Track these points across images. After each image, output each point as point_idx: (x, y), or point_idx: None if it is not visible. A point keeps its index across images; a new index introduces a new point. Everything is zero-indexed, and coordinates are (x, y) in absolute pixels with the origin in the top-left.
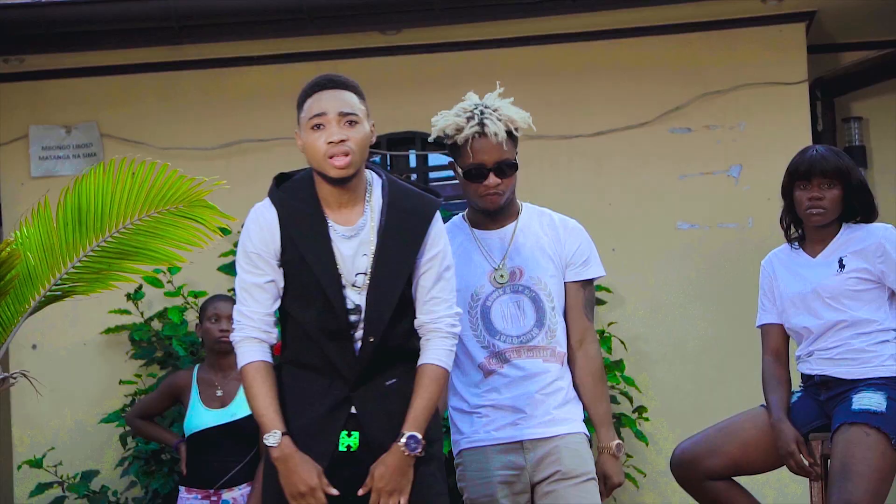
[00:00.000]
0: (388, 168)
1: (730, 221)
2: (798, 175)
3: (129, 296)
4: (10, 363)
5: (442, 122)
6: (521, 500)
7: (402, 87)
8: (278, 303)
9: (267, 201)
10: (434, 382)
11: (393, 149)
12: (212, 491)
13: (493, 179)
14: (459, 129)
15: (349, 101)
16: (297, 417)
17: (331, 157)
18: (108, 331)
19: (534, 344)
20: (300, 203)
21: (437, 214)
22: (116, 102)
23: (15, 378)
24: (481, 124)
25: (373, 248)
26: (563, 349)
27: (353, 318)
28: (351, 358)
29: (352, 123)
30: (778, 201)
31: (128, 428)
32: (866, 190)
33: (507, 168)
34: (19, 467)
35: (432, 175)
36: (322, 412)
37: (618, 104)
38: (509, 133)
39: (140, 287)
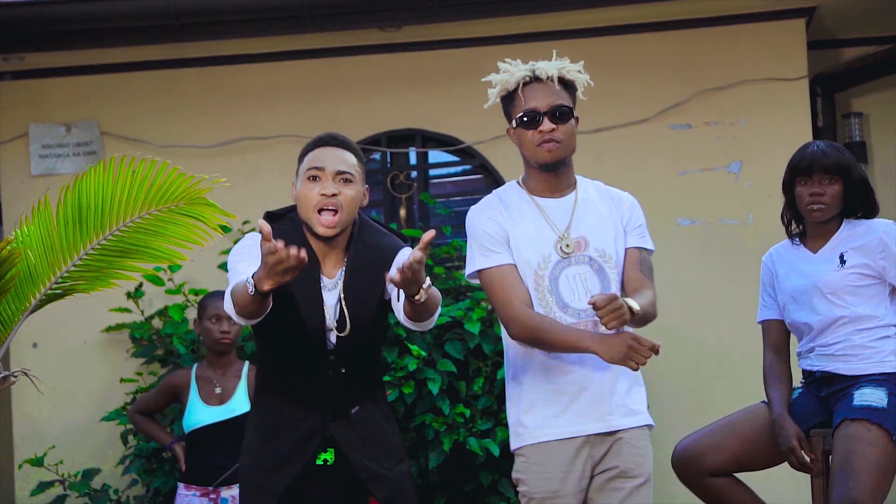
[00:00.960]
0: (389, 165)
1: (730, 218)
2: (799, 171)
3: (129, 294)
4: (10, 362)
5: (499, 78)
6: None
7: (402, 84)
8: None
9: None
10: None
11: (393, 146)
12: (211, 488)
13: (547, 124)
14: (514, 78)
15: (348, 160)
16: (273, 440)
17: (320, 212)
18: (109, 329)
19: (594, 320)
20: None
21: (403, 252)
22: (116, 100)
23: (16, 377)
24: (533, 70)
25: (341, 292)
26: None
27: (331, 357)
28: (324, 388)
29: (346, 182)
30: (779, 197)
31: (129, 426)
32: (867, 185)
33: (564, 112)
34: (20, 466)
35: (432, 172)
36: (297, 438)
37: (617, 101)
38: (564, 82)
39: (141, 285)
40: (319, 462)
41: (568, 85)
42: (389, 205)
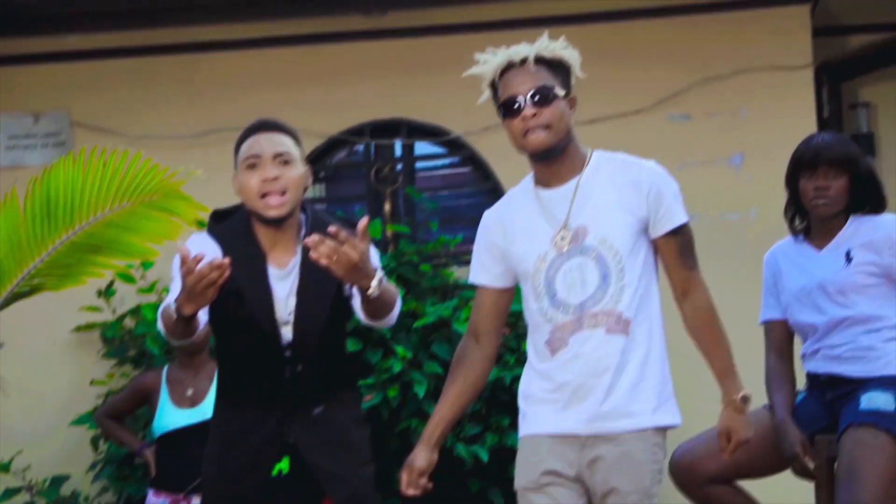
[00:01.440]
0: (374, 157)
1: (732, 212)
2: (803, 164)
3: (100, 292)
4: None
5: (479, 69)
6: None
7: (388, 72)
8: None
9: (206, 234)
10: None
11: (377, 137)
12: (181, 495)
13: (529, 109)
14: (492, 67)
15: (284, 142)
16: (232, 448)
17: (264, 196)
18: (79, 328)
19: (597, 310)
20: (240, 242)
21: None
22: (87, 89)
23: None
24: (508, 55)
25: (296, 285)
26: (633, 315)
27: (286, 353)
28: (281, 388)
29: (285, 164)
30: (782, 191)
31: (99, 430)
32: (875, 179)
33: (547, 94)
34: None
35: (419, 165)
36: (256, 445)
37: (613, 90)
38: (547, 62)
39: (112, 283)
40: (274, 473)
41: (553, 65)
42: (373, 199)
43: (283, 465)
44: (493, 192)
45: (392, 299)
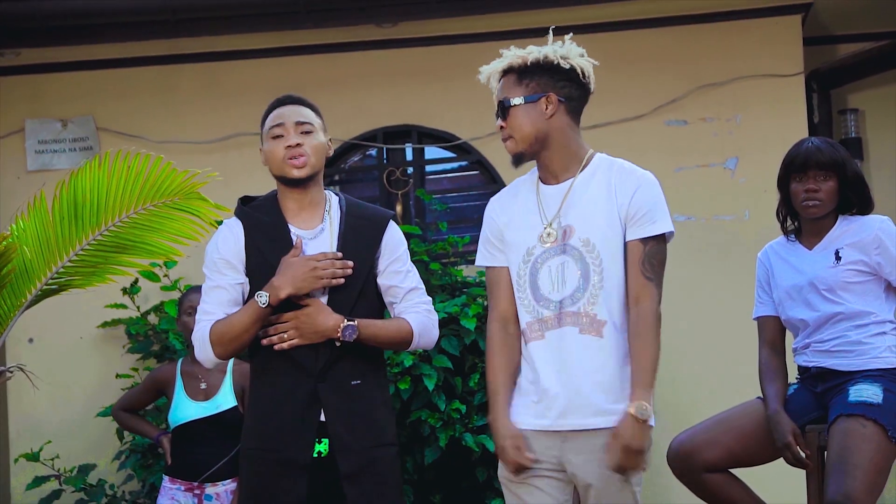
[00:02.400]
0: (386, 161)
1: (726, 214)
2: (794, 167)
3: (125, 290)
4: (6, 357)
5: (482, 78)
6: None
7: (399, 80)
8: (237, 308)
9: (233, 218)
10: (396, 325)
11: (389, 142)
12: (195, 484)
13: (498, 122)
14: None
15: (305, 113)
16: (272, 417)
17: (290, 159)
18: (105, 325)
19: (573, 310)
20: (263, 215)
21: (392, 223)
22: (113, 96)
23: (11, 372)
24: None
25: (333, 249)
26: (608, 317)
27: None
28: (314, 351)
29: (307, 133)
30: (774, 193)
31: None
32: (862, 182)
33: (503, 109)
34: (16, 460)
35: (429, 168)
36: (296, 411)
37: (613, 97)
38: (516, 70)
39: (136, 281)
40: (314, 454)
41: (524, 70)
42: (385, 201)
43: (324, 447)
44: None
45: (390, 339)
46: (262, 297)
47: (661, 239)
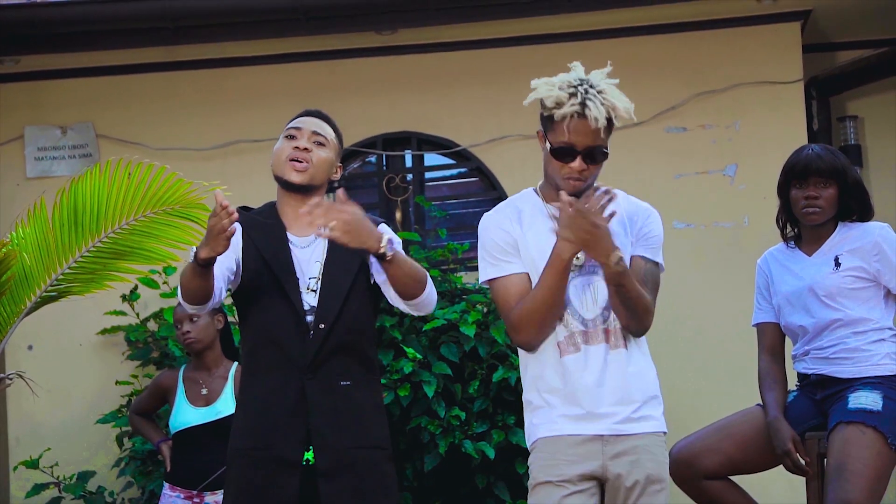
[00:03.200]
0: (385, 168)
1: (726, 220)
2: (794, 174)
3: (124, 297)
4: (6, 364)
5: (543, 90)
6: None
7: (398, 86)
8: (221, 286)
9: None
10: (417, 264)
11: (389, 149)
12: (195, 492)
13: (579, 164)
14: (559, 104)
15: (325, 129)
16: (262, 416)
17: (291, 160)
18: (104, 331)
19: (605, 327)
20: (262, 217)
21: (382, 224)
22: (112, 103)
23: (11, 379)
24: (583, 105)
25: (324, 255)
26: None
27: (308, 318)
28: (303, 345)
29: (320, 144)
30: (774, 200)
31: (124, 428)
32: (862, 189)
33: (598, 155)
34: (15, 468)
35: (428, 175)
36: (285, 409)
37: None
38: (609, 120)
39: (135, 288)
40: (302, 462)
41: (610, 121)
42: (385, 207)
43: (310, 455)
44: (499, 201)
45: (414, 271)
46: (190, 256)
47: (658, 266)
